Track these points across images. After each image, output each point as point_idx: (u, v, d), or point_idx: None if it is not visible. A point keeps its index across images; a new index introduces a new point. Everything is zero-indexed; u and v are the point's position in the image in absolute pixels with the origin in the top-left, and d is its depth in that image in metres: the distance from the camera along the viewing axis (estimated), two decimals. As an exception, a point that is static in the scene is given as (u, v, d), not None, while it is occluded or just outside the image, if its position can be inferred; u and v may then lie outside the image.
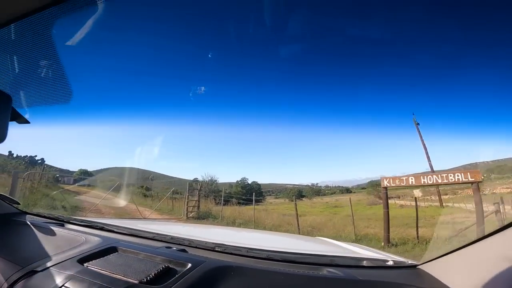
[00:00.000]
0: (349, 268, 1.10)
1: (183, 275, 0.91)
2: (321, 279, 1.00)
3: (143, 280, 0.87)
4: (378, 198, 25.18)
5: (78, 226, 1.60)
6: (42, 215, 1.79)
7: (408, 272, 1.11)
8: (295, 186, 73.54)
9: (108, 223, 1.72)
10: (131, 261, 1.03)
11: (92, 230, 1.53)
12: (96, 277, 0.90)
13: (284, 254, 1.28)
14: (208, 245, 1.34)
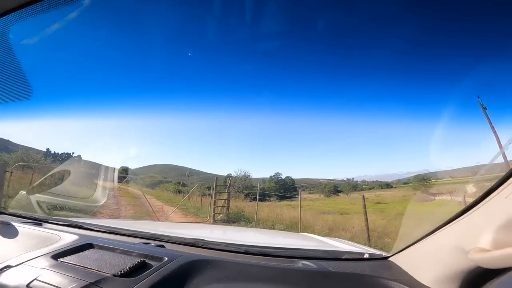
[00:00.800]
0: (323, 261, 1.14)
1: (158, 268, 0.92)
2: (294, 271, 1.03)
3: (117, 274, 0.86)
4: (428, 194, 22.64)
5: (55, 225, 1.59)
6: (18, 215, 1.78)
7: (378, 264, 1.15)
8: (330, 181, 71.55)
9: (86, 221, 1.72)
10: (106, 256, 1.03)
11: (69, 228, 1.52)
12: (69, 270, 0.90)
13: (261, 248, 1.33)
14: (187, 241, 1.35)
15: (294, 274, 1.01)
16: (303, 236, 2.44)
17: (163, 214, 10.63)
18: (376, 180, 67.16)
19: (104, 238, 1.33)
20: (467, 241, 0.72)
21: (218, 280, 0.93)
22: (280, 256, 1.25)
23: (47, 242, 1.20)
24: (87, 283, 0.83)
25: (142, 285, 0.84)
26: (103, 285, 0.83)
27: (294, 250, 1.44)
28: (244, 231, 3.75)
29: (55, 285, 0.84)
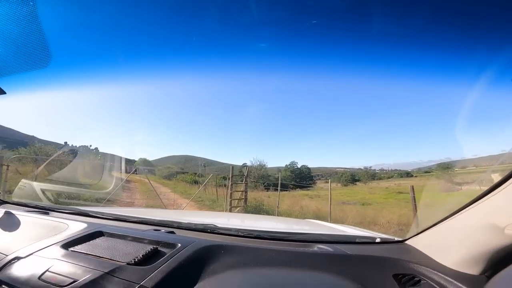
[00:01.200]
0: (339, 244, 1.12)
1: (172, 255, 0.90)
2: (311, 255, 1.01)
3: (130, 262, 0.84)
4: (453, 184, 21.41)
5: (62, 214, 1.55)
6: (23, 204, 1.74)
7: (395, 247, 1.15)
8: (346, 169, 71.00)
9: (93, 210, 1.69)
10: (118, 244, 1.01)
11: (77, 216, 1.49)
12: (81, 260, 0.87)
13: (274, 233, 1.31)
14: (198, 227, 1.33)
15: (311, 258, 0.99)
16: (311, 222, 2.40)
17: (177, 208, 10.07)
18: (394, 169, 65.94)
19: (113, 226, 1.28)
20: (502, 217, 0.71)
21: (234, 266, 0.90)
22: (293, 240, 1.23)
23: (55, 231, 1.17)
24: (101, 272, 0.80)
25: (159, 272, 0.81)
26: (118, 274, 0.80)
27: (308, 234, 1.42)
28: (252, 217, 3.69)
29: (68, 276, 0.80)
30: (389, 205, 13.69)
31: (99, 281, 0.78)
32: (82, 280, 0.78)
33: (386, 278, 0.87)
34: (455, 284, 0.81)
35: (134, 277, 0.79)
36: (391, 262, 0.96)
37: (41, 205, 1.75)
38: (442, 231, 0.97)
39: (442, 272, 0.86)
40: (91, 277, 0.79)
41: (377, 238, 1.26)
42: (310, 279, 0.85)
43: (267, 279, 0.85)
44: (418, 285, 0.87)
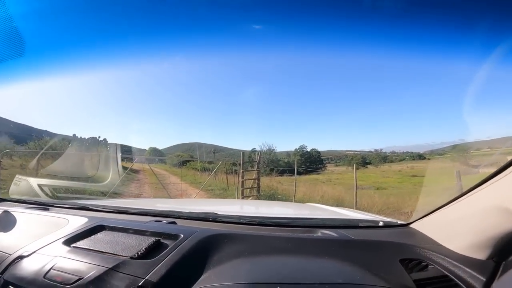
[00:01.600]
0: (342, 229, 1.11)
1: (176, 247, 0.89)
2: (315, 241, 1.01)
3: (134, 256, 0.83)
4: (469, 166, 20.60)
5: (62, 209, 1.53)
6: (22, 201, 1.70)
7: (400, 231, 1.13)
8: (357, 152, 70.63)
9: (93, 203, 1.68)
10: (119, 238, 0.99)
11: (77, 211, 1.47)
12: (84, 256, 0.87)
13: (276, 219, 1.31)
14: (199, 216, 1.32)
15: (315, 244, 0.97)
16: (311, 206, 2.36)
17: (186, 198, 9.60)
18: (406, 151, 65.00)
19: (113, 219, 1.26)
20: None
21: (239, 255, 0.88)
22: (296, 226, 1.22)
23: (56, 227, 1.15)
24: (105, 268, 0.79)
25: (163, 265, 0.79)
26: (122, 269, 0.79)
27: (310, 219, 1.41)
28: (253, 203, 3.67)
29: (73, 273, 0.79)
30: (406, 190, 13.12)
31: (104, 277, 0.77)
32: (87, 277, 0.76)
33: (393, 263, 0.86)
34: (462, 269, 0.80)
35: (139, 272, 0.78)
36: (397, 246, 0.96)
37: (40, 201, 1.73)
38: (448, 215, 0.95)
39: (449, 257, 0.85)
40: (96, 273, 0.77)
41: (380, 221, 1.26)
42: (316, 266, 0.84)
43: (274, 268, 0.83)
44: (425, 270, 0.85)
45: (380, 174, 31.17)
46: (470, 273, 0.78)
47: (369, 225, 1.26)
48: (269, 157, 51.15)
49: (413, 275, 0.82)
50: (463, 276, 0.79)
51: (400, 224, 1.22)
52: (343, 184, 17.44)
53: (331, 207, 2.03)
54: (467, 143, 32.19)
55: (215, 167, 13.01)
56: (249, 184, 8.80)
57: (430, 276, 0.82)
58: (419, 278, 0.81)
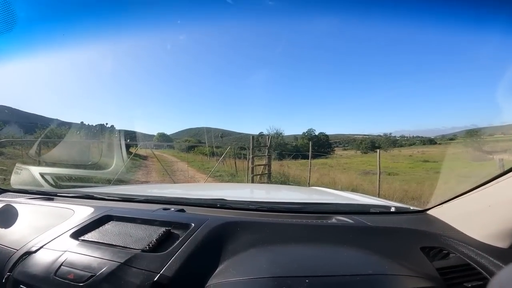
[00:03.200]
0: (356, 215, 1.09)
1: (188, 237, 0.86)
2: (331, 227, 0.98)
3: (145, 248, 0.80)
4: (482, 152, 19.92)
5: (66, 198, 1.49)
6: (25, 191, 1.64)
7: (418, 218, 1.11)
8: (365, 136, 70.09)
9: (98, 191, 1.65)
10: (128, 229, 0.96)
11: (81, 200, 1.44)
12: (94, 250, 0.83)
13: (288, 205, 1.28)
14: (208, 202, 1.29)
15: (332, 231, 0.94)
16: (317, 190, 2.32)
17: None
18: (416, 136, 63.90)
19: (120, 208, 1.22)
20: None
21: (254, 244, 0.84)
22: (308, 212, 1.19)
23: (61, 219, 1.11)
24: (118, 263, 0.75)
25: (177, 258, 0.76)
26: (135, 264, 0.75)
27: (322, 205, 1.38)
28: (260, 187, 3.58)
29: (84, 269, 0.75)
30: (419, 176, 12.69)
31: (117, 273, 0.73)
32: (100, 274, 0.73)
33: (414, 251, 0.83)
34: (485, 258, 0.78)
35: (153, 266, 0.74)
36: (417, 234, 0.93)
37: (43, 191, 1.68)
38: (470, 202, 0.93)
39: (471, 245, 0.84)
40: (108, 269, 0.74)
41: (392, 207, 1.24)
42: (339, 255, 0.80)
43: (296, 258, 0.77)
44: (447, 258, 0.83)
45: (390, 159, 30.59)
46: (492, 261, 0.77)
47: (382, 211, 1.23)
48: (277, 141, 51.01)
49: (435, 263, 0.79)
50: (486, 265, 0.77)
51: (415, 211, 1.20)
52: (352, 169, 17.11)
53: (337, 191, 2.00)
54: (479, 128, 31.16)
55: (222, 152, 12.69)
56: (259, 170, 8.42)
57: (452, 265, 0.80)
58: (441, 266, 0.78)
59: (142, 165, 14.09)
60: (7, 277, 0.84)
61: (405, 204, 1.44)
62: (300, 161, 14.39)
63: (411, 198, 5.97)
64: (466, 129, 31.62)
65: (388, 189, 6.90)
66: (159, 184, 6.57)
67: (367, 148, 55.93)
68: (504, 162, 4.96)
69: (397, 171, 16.21)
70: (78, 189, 1.82)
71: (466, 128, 30.65)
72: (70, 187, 2.44)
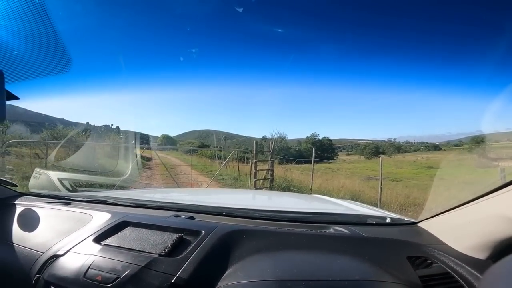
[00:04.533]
0: (353, 226, 1.16)
1: (199, 243, 0.94)
2: (329, 237, 1.05)
3: (162, 253, 0.88)
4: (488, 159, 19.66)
5: (82, 203, 1.56)
6: (42, 195, 1.71)
7: (408, 230, 1.19)
8: (369, 141, 69.18)
9: (111, 196, 1.72)
10: (145, 234, 1.04)
11: (97, 205, 1.51)
12: (117, 255, 0.90)
13: (290, 214, 1.36)
14: (215, 210, 1.38)
15: (329, 240, 1.01)
16: (318, 198, 2.42)
17: (198, 188, 9.03)
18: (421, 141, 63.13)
19: (135, 214, 1.30)
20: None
21: (258, 251, 0.91)
22: (310, 221, 1.26)
23: (81, 223, 1.18)
24: (139, 266, 0.82)
25: (191, 263, 0.84)
26: (154, 267, 0.82)
27: (322, 215, 1.44)
28: (264, 194, 3.71)
29: (109, 272, 0.82)
30: (423, 182, 12.56)
31: (140, 275, 0.80)
32: (124, 276, 0.79)
33: (401, 260, 0.90)
34: (463, 267, 0.86)
35: (170, 269, 0.81)
36: (405, 244, 1.00)
37: (61, 195, 1.74)
38: (456, 217, 1.00)
39: (452, 255, 0.91)
40: (132, 272, 0.80)
41: (388, 218, 1.31)
42: (333, 263, 0.87)
43: (295, 264, 0.85)
44: (430, 267, 0.90)
45: (394, 165, 30.37)
46: (470, 271, 0.84)
47: (378, 222, 1.31)
48: (280, 145, 50.85)
49: (418, 271, 0.86)
50: (463, 274, 0.85)
51: (408, 222, 1.28)
52: (356, 174, 17.03)
53: (337, 200, 2.12)
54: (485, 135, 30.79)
55: (225, 155, 12.73)
56: (262, 175, 8.52)
57: (434, 273, 0.87)
58: (424, 274, 0.85)
59: (146, 167, 14.17)
60: (36, 279, 0.90)
61: (403, 213, 1.54)
62: (303, 166, 14.28)
63: (413, 205, 5.97)
64: (471, 135, 31.26)
65: (390, 195, 6.89)
66: (167, 188, 6.62)
67: (371, 153, 55.49)
68: (506, 172, 4.95)
69: (400, 177, 16.12)
70: (92, 194, 1.90)
71: (472, 134, 30.31)
72: (83, 191, 2.54)
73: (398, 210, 5.60)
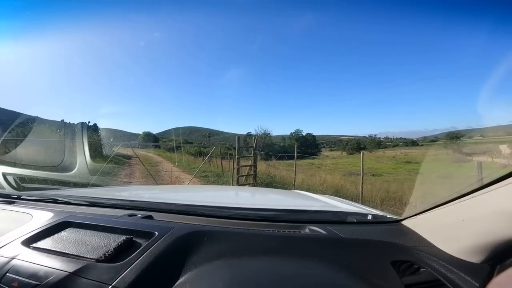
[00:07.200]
0: (331, 225, 1.07)
1: (148, 247, 0.80)
2: (302, 239, 0.95)
3: (100, 258, 0.75)
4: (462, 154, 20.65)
5: (28, 202, 1.42)
6: None
7: (390, 228, 1.10)
8: (351, 137, 71.34)
9: (63, 194, 1.56)
10: (86, 236, 0.91)
11: (43, 204, 1.36)
12: (43, 258, 0.78)
13: (262, 212, 1.26)
14: (178, 208, 1.24)
15: (303, 243, 0.91)
16: (297, 194, 2.28)
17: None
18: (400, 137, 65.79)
19: (82, 213, 1.17)
20: None
21: (219, 256, 0.80)
22: (283, 220, 1.15)
23: (17, 224, 1.05)
24: (66, 273, 0.71)
25: (132, 270, 0.71)
26: (86, 274, 0.71)
27: (297, 213, 1.35)
28: (238, 190, 3.50)
29: (29, 278, 0.72)
30: (402, 177, 12.95)
31: (64, 283, 0.69)
32: (45, 283, 0.69)
33: (384, 266, 0.80)
34: (456, 273, 0.76)
35: (105, 277, 0.70)
36: (389, 247, 0.91)
37: (4, 193, 1.59)
38: (445, 215, 0.91)
39: (442, 260, 0.81)
40: (55, 278, 0.70)
41: (369, 214, 1.24)
42: (305, 272, 0.75)
43: (258, 274, 0.74)
44: (418, 273, 0.80)
45: (375, 160, 31.28)
46: (463, 277, 0.75)
47: (358, 220, 1.20)
48: (265, 141, 51.06)
49: (404, 279, 0.76)
50: (456, 281, 0.75)
51: (391, 220, 1.18)
52: (338, 169, 17.32)
53: (317, 196, 1.98)
54: (459, 131, 32.31)
55: (209, 152, 12.52)
56: (245, 171, 8.34)
57: (421, 281, 0.78)
58: (410, 282, 0.76)
59: (126, 165, 13.68)
60: None
61: (384, 207, 1.47)
62: (287, 162, 14.36)
63: (393, 199, 6.10)
64: (446, 131, 32.77)
65: (371, 190, 7.01)
66: (134, 186, 6.24)
67: (353, 149, 56.95)
68: (483, 164, 5.13)
69: (381, 172, 16.60)
70: (41, 192, 1.74)
71: (447, 130, 31.81)
72: (36, 190, 2.37)
73: (379, 204, 5.65)
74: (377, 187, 7.21)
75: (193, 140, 46.73)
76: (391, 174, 15.72)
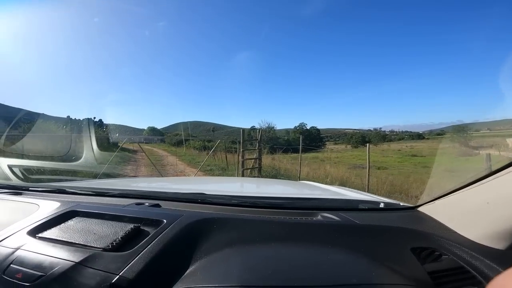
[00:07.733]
0: (344, 212, 1.04)
1: (157, 235, 0.78)
2: (316, 225, 0.91)
3: (107, 247, 0.73)
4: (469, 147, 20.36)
5: (35, 193, 1.41)
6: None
7: (407, 215, 1.05)
8: (356, 130, 70.91)
9: (70, 185, 1.55)
10: (93, 225, 0.89)
11: (50, 194, 1.35)
12: (49, 248, 0.76)
13: (271, 200, 1.25)
14: (186, 196, 1.22)
15: (316, 229, 0.88)
16: (304, 184, 2.23)
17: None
18: (405, 131, 65.05)
19: (89, 203, 1.17)
20: None
21: (230, 243, 0.78)
22: (293, 208, 1.13)
23: (24, 214, 1.03)
24: (72, 263, 0.69)
25: (140, 259, 0.69)
26: (92, 264, 0.69)
27: (308, 200, 1.34)
28: (245, 181, 3.41)
29: (34, 269, 0.70)
30: (408, 170, 12.81)
31: (70, 273, 0.67)
32: (50, 274, 0.67)
33: (404, 253, 0.77)
34: (481, 260, 0.72)
35: (112, 266, 0.67)
36: (407, 233, 0.88)
37: (11, 185, 1.58)
38: (465, 199, 0.87)
39: (465, 246, 0.77)
40: (61, 269, 0.68)
41: (381, 203, 1.20)
42: (322, 260, 0.72)
43: (272, 262, 0.71)
44: (439, 260, 0.76)
45: (380, 153, 31.04)
46: (489, 264, 0.70)
47: (371, 207, 1.17)
48: (269, 135, 50.98)
49: (426, 266, 0.73)
50: (481, 268, 0.71)
51: (405, 207, 1.15)
52: (343, 162, 17.25)
53: (325, 185, 1.95)
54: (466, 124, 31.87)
55: (213, 146, 12.59)
56: (250, 164, 8.34)
57: (445, 268, 0.74)
58: (433, 270, 0.72)
59: (132, 159, 13.80)
60: None
61: (393, 199, 1.39)
62: (291, 155, 14.34)
63: (399, 192, 6.06)
64: (453, 124, 32.38)
65: (377, 183, 6.98)
66: (142, 177, 6.29)
67: (358, 142, 56.59)
68: (492, 156, 5.08)
69: (386, 165, 16.46)
70: (49, 183, 1.73)
71: (453, 124, 31.49)
72: (42, 181, 2.32)
73: (386, 197, 5.45)
74: (383, 180, 7.18)
75: (198, 134, 46.89)
76: (397, 167, 15.60)
